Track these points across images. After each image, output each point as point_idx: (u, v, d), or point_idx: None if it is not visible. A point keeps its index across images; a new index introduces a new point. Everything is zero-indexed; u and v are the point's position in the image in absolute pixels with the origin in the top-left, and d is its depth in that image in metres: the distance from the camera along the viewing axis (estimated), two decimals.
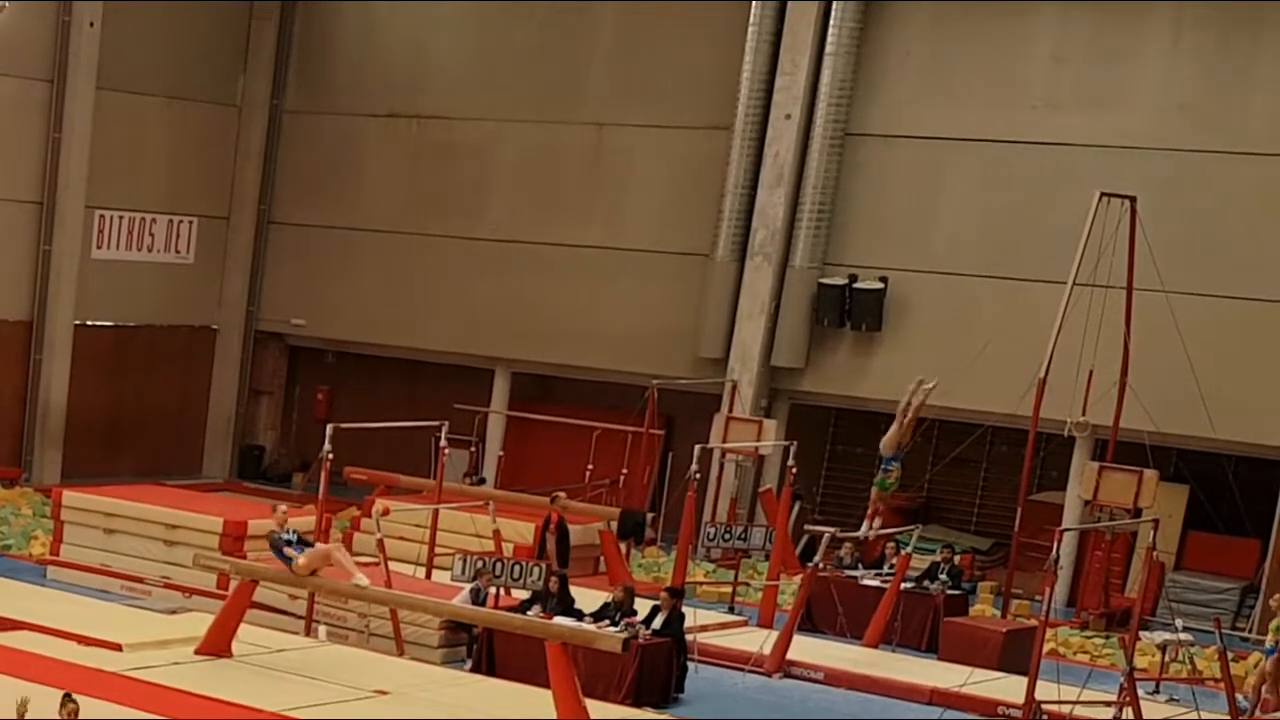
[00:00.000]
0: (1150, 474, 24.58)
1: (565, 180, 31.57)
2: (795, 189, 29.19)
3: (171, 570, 23.44)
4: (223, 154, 33.84)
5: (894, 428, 24.46)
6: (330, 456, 21.75)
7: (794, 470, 25.91)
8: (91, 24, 30.75)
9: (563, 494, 23.91)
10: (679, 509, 24.91)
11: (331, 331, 34.02)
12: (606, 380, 31.30)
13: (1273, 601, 21.79)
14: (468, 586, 20.95)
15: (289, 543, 19.46)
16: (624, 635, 18.42)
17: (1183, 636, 20.55)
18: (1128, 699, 17.62)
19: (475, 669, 20.09)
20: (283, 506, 20.86)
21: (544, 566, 21.07)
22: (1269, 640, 21.21)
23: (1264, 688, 21.01)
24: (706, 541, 25.05)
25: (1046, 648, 20.53)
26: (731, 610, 24.59)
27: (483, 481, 29.83)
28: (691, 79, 30.38)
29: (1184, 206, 26.56)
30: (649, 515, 26.90)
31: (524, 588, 20.95)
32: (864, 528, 24.34)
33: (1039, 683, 18.55)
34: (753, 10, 29.25)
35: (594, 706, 17.06)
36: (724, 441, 28.14)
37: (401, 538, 24.14)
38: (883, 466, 24.38)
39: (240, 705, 16.71)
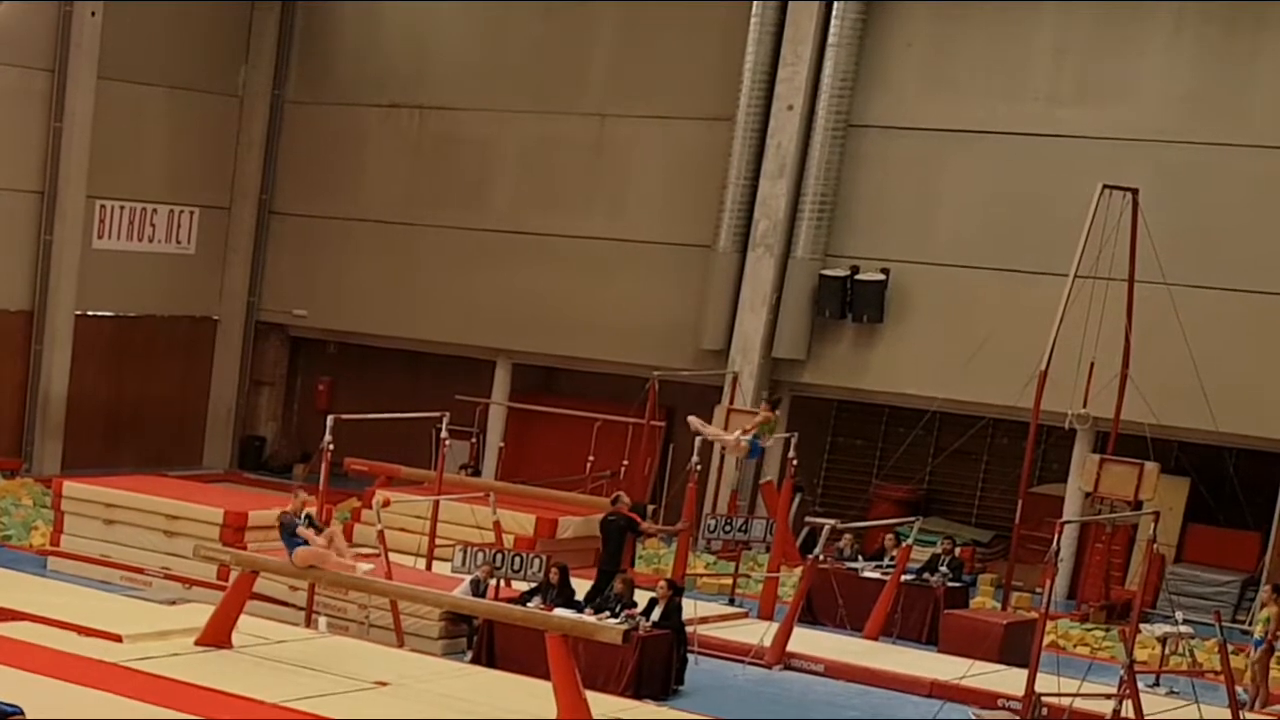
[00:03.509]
0: (1151, 466, 24.58)
1: (567, 171, 31.56)
2: (797, 180, 29.18)
3: (172, 561, 23.45)
4: (224, 144, 33.83)
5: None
6: (331, 447, 21.75)
7: (795, 462, 25.90)
8: (93, 14, 30.74)
9: (623, 494, 23.77)
10: (680, 501, 24.91)
11: (333, 322, 34.01)
12: (608, 372, 31.30)
13: (1261, 593, 21.77)
14: (468, 578, 20.96)
15: (297, 526, 19.41)
16: (624, 627, 18.41)
17: (1183, 629, 20.54)
18: (1128, 691, 17.60)
19: (475, 660, 20.11)
20: (304, 494, 20.70)
21: (544, 558, 21.06)
22: (1257, 631, 21.25)
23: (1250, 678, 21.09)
24: (707, 533, 25.05)
25: (1046, 640, 20.54)
26: (732, 602, 24.60)
27: (477, 473, 29.82)
28: (693, 70, 30.36)
29: (1186, 199, 26.55)
30: (649, 507, 26.86)
31: (524, 579, 20.96)
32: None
33: (1039, 675, 18.55)
34: (755, 2, 29.22)
35: (594, 698, 17.05)
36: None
37: (402, 529, 24.13)
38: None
39: (240, 696, 16.70)
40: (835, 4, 28.72)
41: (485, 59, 32.28)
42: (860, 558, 25.20)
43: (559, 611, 19.37)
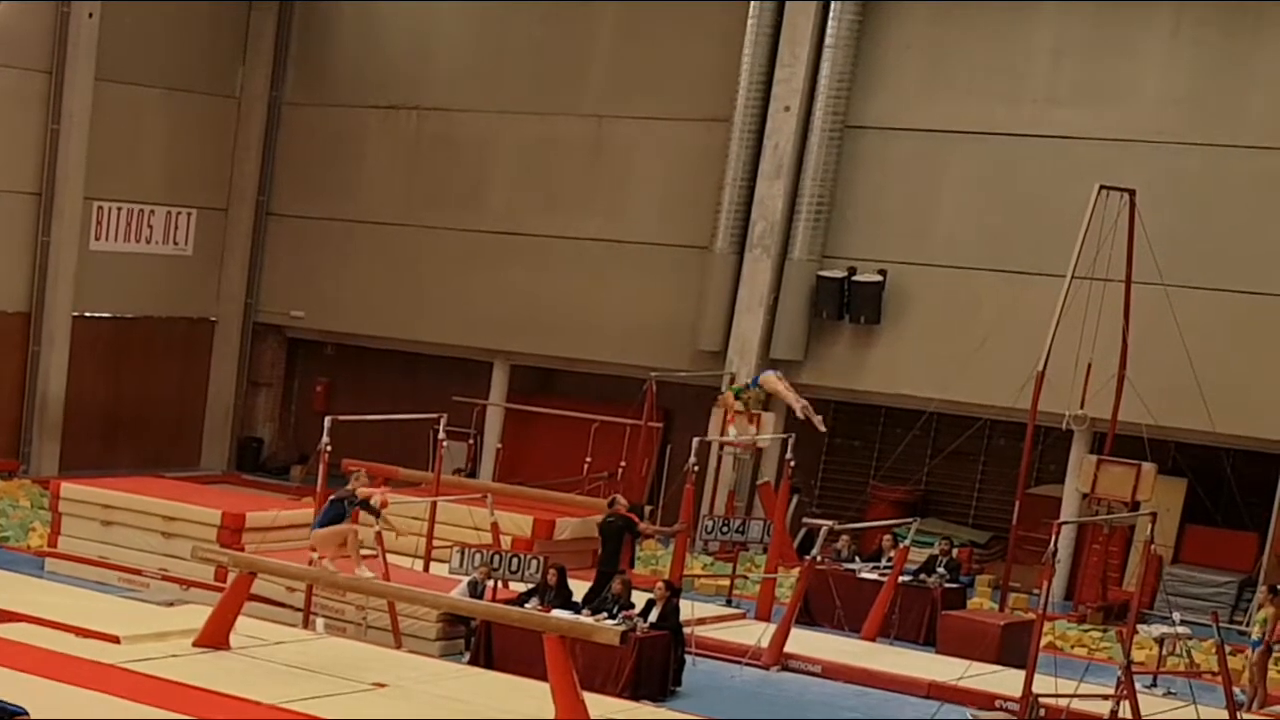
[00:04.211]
0: (1148, 467, 24.60)
1: (565, 172, 31.57)
2: (794, 181, 29.19)
3: (169, 562, 23.44)
4: (222, 146, 33.83)
5: (783, 389, 26.68)
6: (329, 448, 21.76)
7: (792, 463, 25.90)
8: (90, 15, 30.75)
9: (620, 496, 23.75)
10: (677, 502, 24.91)
11: (330, 324, 34.02)
12: (605, 373, 31.32)
13: (1259, 594, 21.76)
14: (466, 579, 20.97)
15: (351, 504, 20.06)
16: (622, 628, 18.43)
17: (1180, 630, 20.58)
18: (1125, 692, 17.63)
19: (473, 662, 20.12)
20: (365, 475, 21.14)
21: (542, 559, 21.07)
22: (1254, 632, 21.27)
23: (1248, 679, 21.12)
24: (705, 534, 25.06)
25: (1044, 641, 20.55)
26: (729, 603, 24.60)
27: (473, 476, 29.79)
28: (691, 71, 30.38)
29: (1183, 200, 26.57)
30: (647, 508, 26.90)
31: (522, 581, 20.96)
32: (732, 433, 25.65)
33: (1036, 676, 18.57)
34: (752, 3, 29.25)
35: (592, 699, 17.06)
36: (722, 434, 28.14)
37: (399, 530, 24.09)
38: (749, 384, 25.15)
39: (238, 698, 16.71)
40: (832, 5, 28.74)
41: (483, 60, 32.29)
42: (858, 559, 25.19)
43: (557, 613, 19.38)
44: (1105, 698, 18.06)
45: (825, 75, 28.85)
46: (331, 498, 20.48)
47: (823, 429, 24.90)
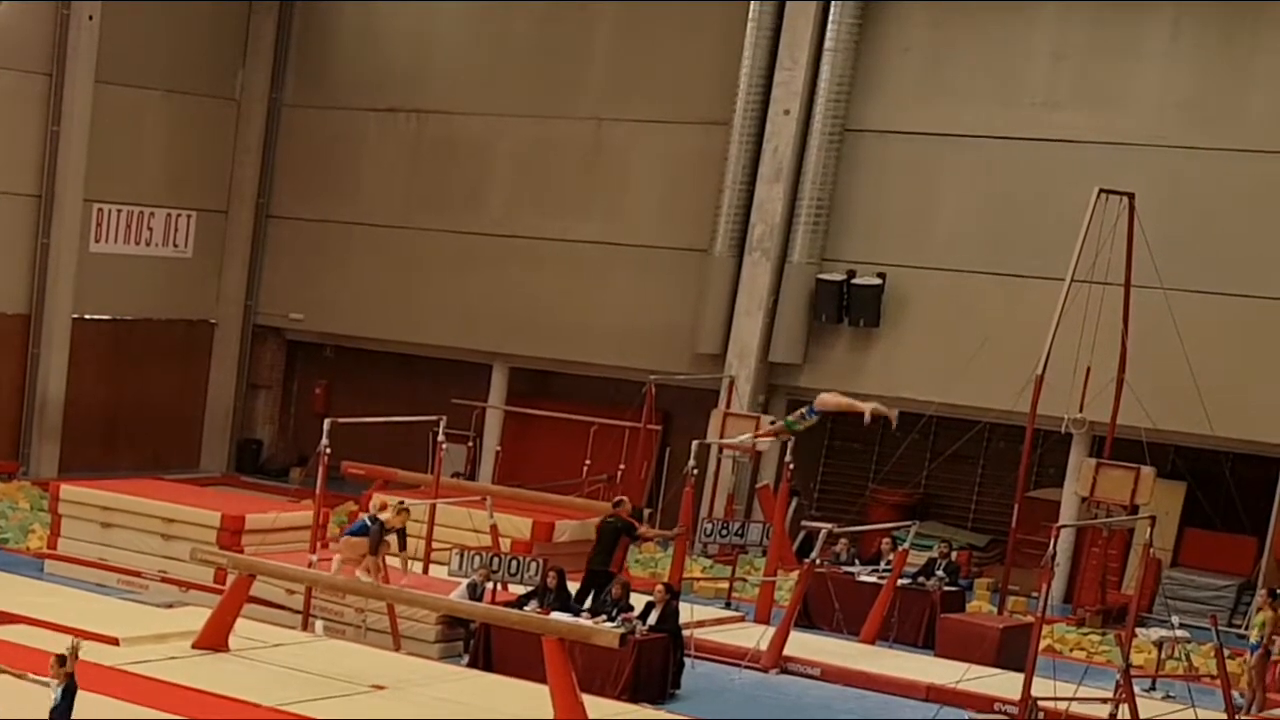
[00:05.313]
0: (1147, 471, 24.59)
1: (564, 175, 31.59)
2: (794, 184, 29.21)
3: (169, 564, 23.44)
4: (222, 148, 33.85)
5: (846, 403, 24.24)
6: (328, 451, 21.78)
7: (791, 466, 25.91)
8: (91, 17, 30.76)
9: (626, 499, 23.70)
10: (677, 504, 24.91)
11: (330, 326, 34.04)
12: (604, 376, 31.32)
13: (1258, 598, 21.78)
14: (465, 581, 20.98)
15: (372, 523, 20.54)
16: (621, 630, 18.45)
17: (1179, 633, 20.60)
18: (1124, 696, 17.64)
19: (472, 664, 20.12)
20: (403, 504, 21.36)
21: (541, 562, 21.07)
22: (1253, 636, 21.29)
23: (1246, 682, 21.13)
24: (704, 537, 25.07)
25: (1043, 644, 20.55)
26: (728, 606, 24.60)
27: (471, 479, 29.77)
28: (690, 74, 30.39)
29: (1182, 203, 26.59)
30: (646, 511, 26.89)
31: (521, 583, 20.97)
32: (746, 436, 25.01)
33: (1035, 679, 18.57)
34: (752, 6, 29.27)
35: (591, 702, 17.07)
36: (721, 437, 28.12)
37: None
38: (806, 412, 23.86)
39: (237, 700, 16.73)
40: (832, 7, 28.75)
41: (483, 62, 32.31)
42: (857, 562, 25.20)
43: (556, 615, 19.39)
44: (1104, 701, 18.07)
45: (825, 78, 28.87)
46: (365, 518, 20.75)
47: (895, 422, 24.00)
